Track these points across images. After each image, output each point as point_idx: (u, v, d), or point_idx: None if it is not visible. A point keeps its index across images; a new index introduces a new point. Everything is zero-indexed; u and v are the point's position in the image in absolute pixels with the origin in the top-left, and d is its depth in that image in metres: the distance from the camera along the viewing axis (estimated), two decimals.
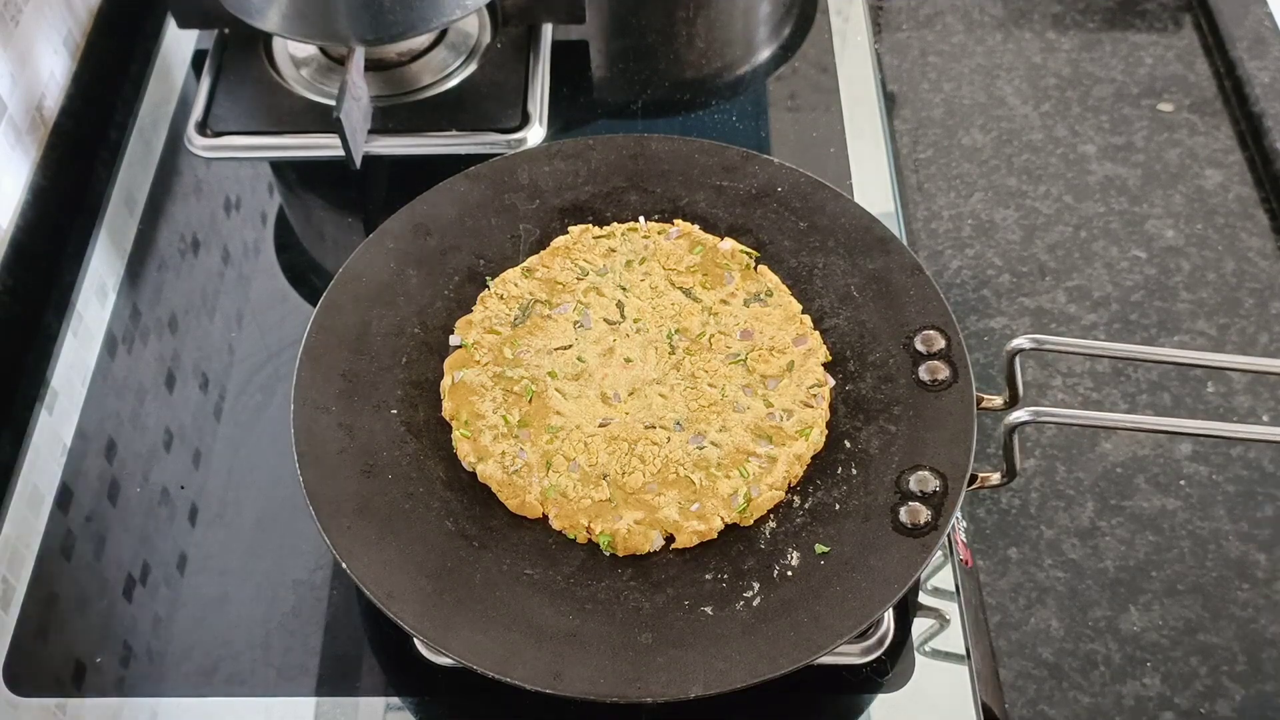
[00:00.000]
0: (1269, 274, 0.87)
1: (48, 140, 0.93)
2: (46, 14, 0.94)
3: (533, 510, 0.68)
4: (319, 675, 0.69)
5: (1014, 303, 0.86)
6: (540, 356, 0.73)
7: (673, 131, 0.91)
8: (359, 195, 0.94)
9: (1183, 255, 0.89)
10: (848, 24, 1.02)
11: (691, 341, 0.74)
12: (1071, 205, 0.92)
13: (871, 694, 0.68)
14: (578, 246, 0.78)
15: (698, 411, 0.71)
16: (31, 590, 0.73)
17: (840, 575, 0.64)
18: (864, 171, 0.92)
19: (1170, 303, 0.86)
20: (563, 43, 1.02)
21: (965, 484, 0.66)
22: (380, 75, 0.98)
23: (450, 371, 0.73)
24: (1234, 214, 0.91)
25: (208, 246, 0.90)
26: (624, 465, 0.69)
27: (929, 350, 0.72)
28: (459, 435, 0.70)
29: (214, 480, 0.77)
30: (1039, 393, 0.81)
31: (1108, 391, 0.81)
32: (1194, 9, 1.05)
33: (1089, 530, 0.76)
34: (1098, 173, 0.94)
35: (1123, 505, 0.77)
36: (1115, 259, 0.88)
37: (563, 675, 0.60)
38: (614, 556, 0.66)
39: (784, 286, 0.76)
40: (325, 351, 0.72)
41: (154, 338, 0.84)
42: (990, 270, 0.88)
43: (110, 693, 0.69)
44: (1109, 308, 0.86)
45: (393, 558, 0.64)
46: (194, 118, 0.96)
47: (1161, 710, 0.69)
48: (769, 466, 0.68)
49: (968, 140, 0.96)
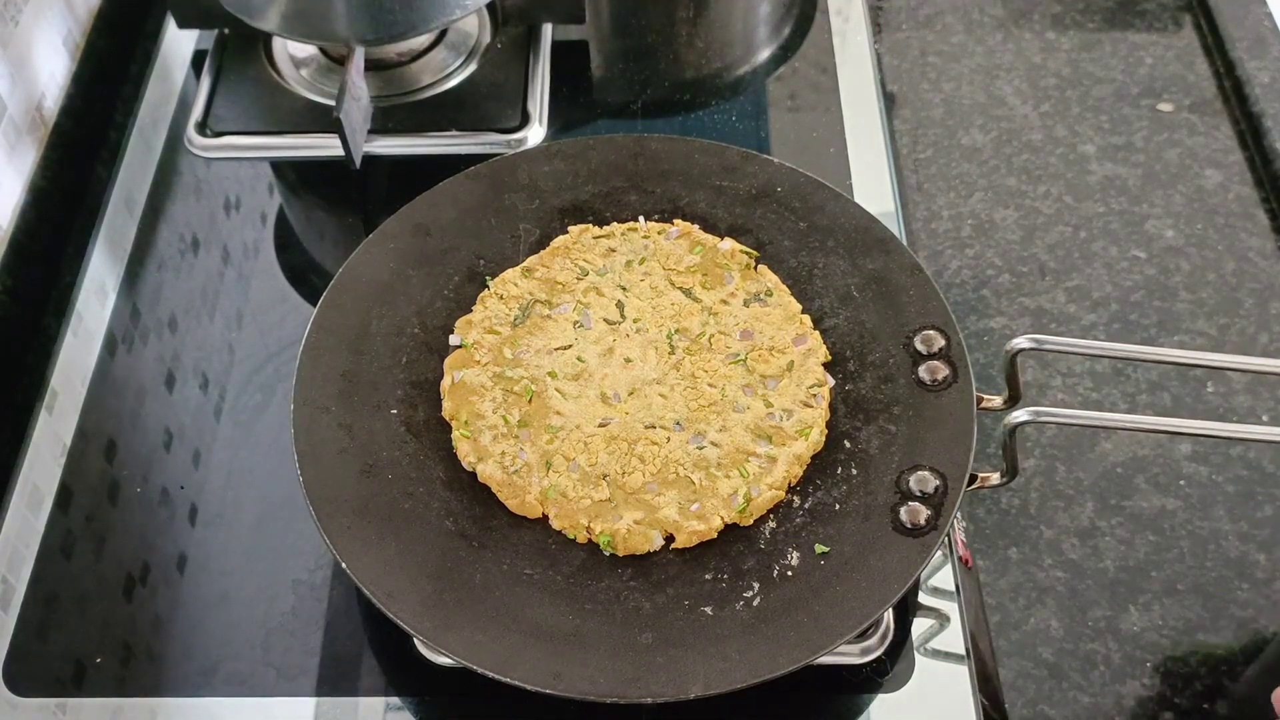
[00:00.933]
0: (1269, 274, 0.87)
1: (47, 140, 0.93)
2: (46, 14, 0.94)
3: (533, 510, 0.68)
4: (319, 675, 0.69)
5: (1014, 303, 0.86)
6: (540, 356, 0.73)
7: (673, 131, 0.91)
8: (359, 195, 0.94)
9: (1183, 255, 0.89)
10: (848, 24, 1.02)
11: (691, 341, 0.74)
12: (1071, 205, 0.92)
13: (871, 694, 0.68)
14: (577, 246, 0.78)
15: (697, 411, 0.71)
16: (31, 590, 0.73)
17: (840, 575, 0.64)
18: (864, 171, 0.92)
19: (1170, 303, 0.86)
20: (563, 43, 1.02)
21: (965, 484, 0.66)
22: (380, 75, 0.98)
23: (450, 371, 0.73)
24: (1234, 214, 0.91)
25: (207, 246, 0.90)
26: (624, 465, 0.69)
27: (929, 350, 0.72)
28: (459, 435, 0.70)
29: (214, 480, 0.77)
30: (1039, 393, 0.81)
31: (1108, 391, 0.81)
32: (1194, 9, 1.05)
33: (1089, 530, 0.76)
34: (1097, 173, 0.94)
35: (1123, 505, 0.77)
36: (1115, 259, 0.88)
37: (562, 675, 0.60)
38: (614, 556, 0.66)
39: (784, 286, 0.76)
40: (325, 351, 0.72)
41: (154, 338, 0.84)
42: (990, 270, 0.88)
43: (110, 693, 0.69)
44: (1109, 308, 0.86)
45: (392, 558, 0.64)
46: (194, 118, 0.96)
47: (1161, 710, 0.69)
48: (769, 466, 0.68)
49: (967, 140, 0.96)
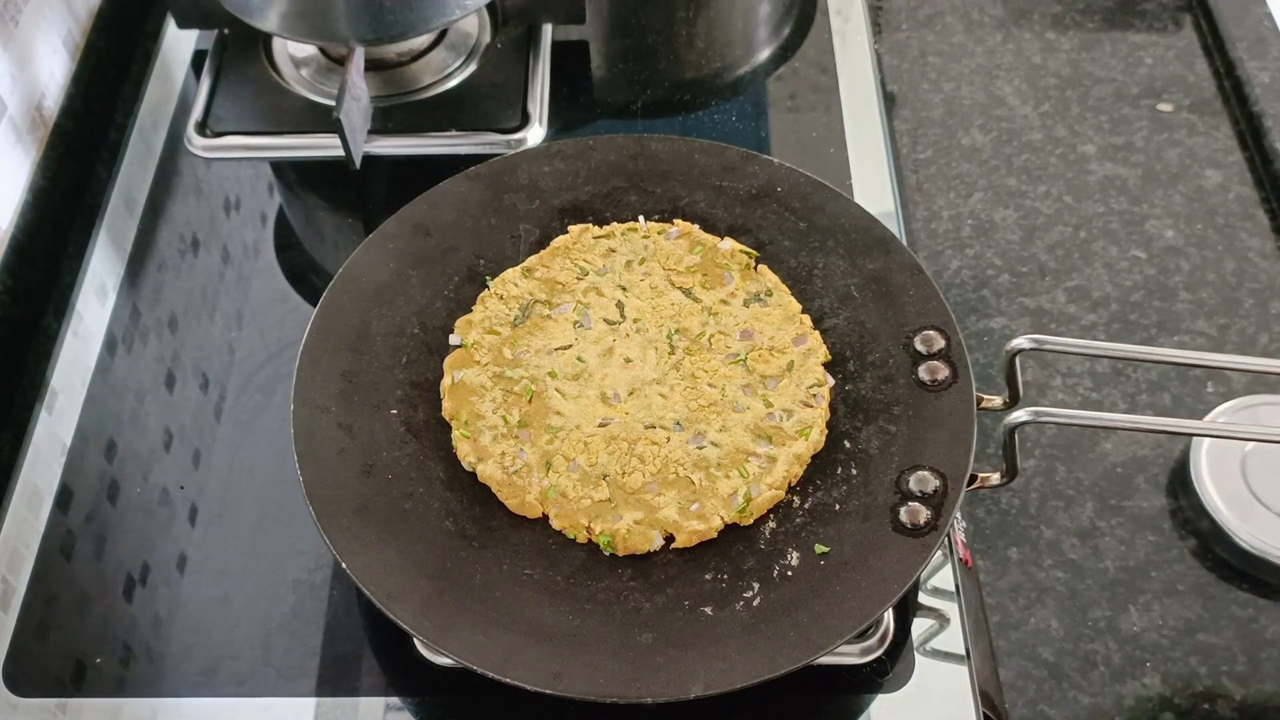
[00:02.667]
0: (1269, 274, 0.87)
1: (48, 140, 0.93)
2: (46, 14, 0.94)
3: (532, 510, 0.68)
4: (319, 675, 0.69)
5: (1014, 303, 0.86)
6: (540, 356, 0.73)
7: (673, 131, 0.91)
8: (359, 195, 0.94)
9: (1182, 255, 0.89)
10: (848, 24, 1.02)
11: (691, 341, 0.74)
12: (1071, 205, 0.92)
13: (871, 694, 0.68)
14: (577, 246, 0.78)
15: (697, 411, 0.71)
16: (31, 590, 0.73)
17: (840, 575, 0.64)
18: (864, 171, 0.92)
19: (1170, 303, 0.86)
20: (563, 43, 1.02)
21: (965, 484, 0.66)
22: (380, 75, 0.98)
23: (450, 371, 0.73)
24: (1234, 214, 0.91)
25: (207, 247, 0.90)
26: (624, 465, 0.69)
27: (929, 350, 0.72)
28: (459, 435, 0.70)
29: (214, 480, 0.77)
30: (1039, 393, 0.81)
31: (1108, 391, 0.81)
32: (1194, 9, 1.05)
33: (1089, 530, 0.76)
34: (1097, 173, 0.94)
35: (1123, 505, 0.77)
36: (1115, 259, 0.88)
37: (562, 675, 0.60)
38: (614, 556, 0.66)
39: (784, 286, 0.76)
40: (325, 351, 0.72)
41: (154, 338, 0.84)
42: (990, 270, 0.88)
43: (110, 693, 0.69)
44: (1109, 308, 0.86)
45: (392, 558, 0.64)
46: (194, 118, 0.96)
47: (1161, 710, 0.69)
48: (769, 466, 0.68)
49: (967, 140, 0.96)
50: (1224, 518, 0.74)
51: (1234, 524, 0.73)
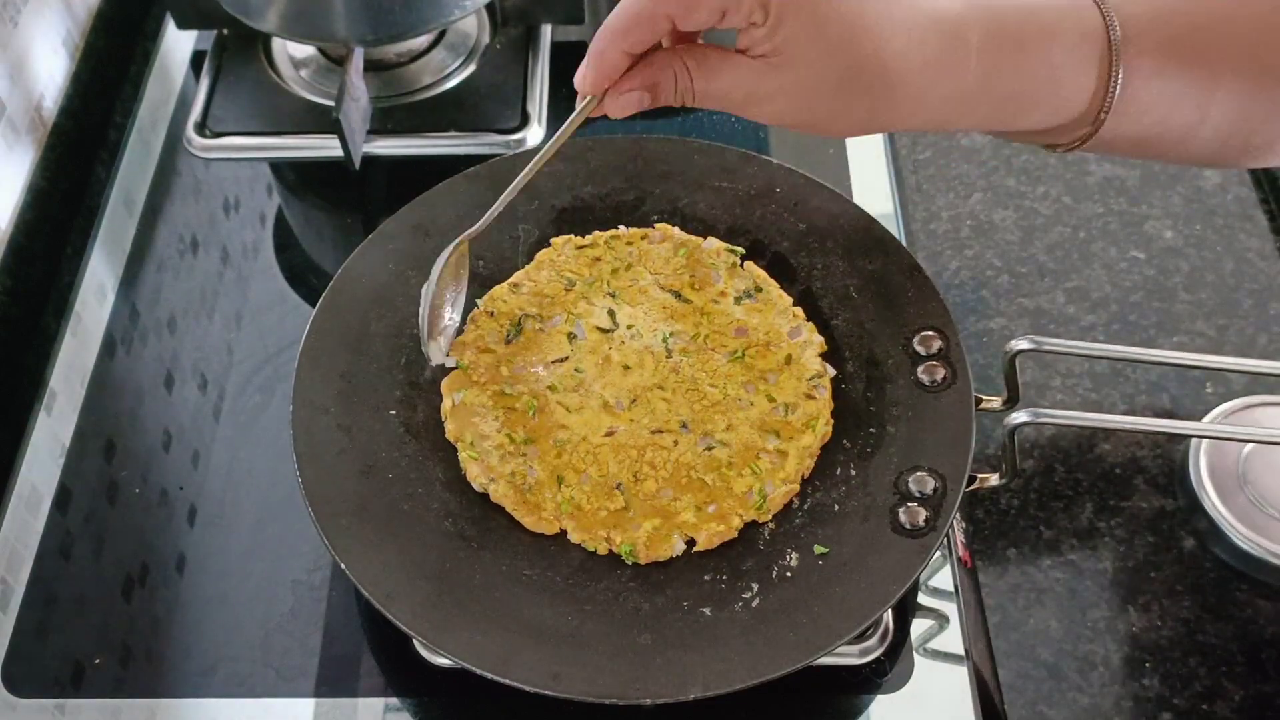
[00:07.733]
0: (1268, 274, 0.87)
1: (47, 140, 0.93)
2: (46, 14, 0.94)
3: (550, 527, 0.67)
4: (318, 676, 0.69)
5: (1013, 303, 0.86)
6: (538, 371, 0.73)
7: (672, 132, 0.91)
8: (359, 195, 0.94)
9: (1181, 256, 0.89)
10: None
11: (687, 343, 0.74)
12: (1070, 206, 0.92)
13: (871, 694, 0.68)
14: (561, 258, 0.78)
15: (702, 412, 0.71)
16: (30, 591, 0.73)
17: (839, 576, 0.64)
18: (863, 172, 0.92)
19: (1169, 303, 0.86)
20: (562, 43, 1.02)
21: (964, 485, 0.66)
22: (380, 76, 0.98)
23: (449, 394, 0.72)
24: (1233, 214, 0.91)
25: (207, 247, 0.90)
26: (635, 473, 0.68)
27: (928, 351, 0.72)
28: (466, 457, 0.69)
29: (213, 481, 0.77)
30: (1038, 393, 0.81)
31: (1107, 392, 0.81)
32: None
33: (1088, 531, 0.76)
34: (1096, 173, 0.94)
35: (1122, 506, 0.77)
36: (1114, 260, 0.88)
37: (561, 676, 0.60)
38: (614, 557, 0.66)
39: (772, 281, 0.76)
40: (324, 352, 0.72)
41: (153, 338, 0.85)
42: (989, 271, 0.88)
43: (109, 693, 0.69)
44: (1108, 308, 0.86)
45: (391, 558, 0.64)
46: (193, 118, 0.96)
47: (1161, 710, 0.69)
48: (780, 461, 0.68)
49: (967, 141, 0.96)
50: (1223, 518, 0.74)
51: (1233, 524, 0.73)
